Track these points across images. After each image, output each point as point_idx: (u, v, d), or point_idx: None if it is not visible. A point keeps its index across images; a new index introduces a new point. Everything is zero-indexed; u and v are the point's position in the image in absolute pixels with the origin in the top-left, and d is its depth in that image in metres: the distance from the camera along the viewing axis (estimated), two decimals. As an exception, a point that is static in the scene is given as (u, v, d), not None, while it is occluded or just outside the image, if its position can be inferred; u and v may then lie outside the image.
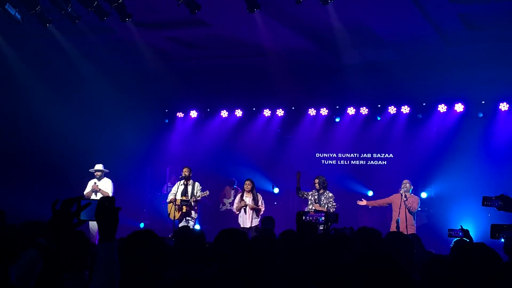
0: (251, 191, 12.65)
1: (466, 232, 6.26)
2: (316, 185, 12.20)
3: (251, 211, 12.47)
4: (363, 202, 12.73)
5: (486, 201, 4.98)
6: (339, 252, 3.74)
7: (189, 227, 7.78)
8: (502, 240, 4.63)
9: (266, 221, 10.87)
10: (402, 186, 12.09)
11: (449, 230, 6.46)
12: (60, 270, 2.81)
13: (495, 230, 4.51)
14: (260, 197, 12.75)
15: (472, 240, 6.24)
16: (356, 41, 13.52)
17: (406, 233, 11.10)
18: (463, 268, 3.16)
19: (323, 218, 4.62)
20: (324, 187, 12.19)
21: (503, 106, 14.68)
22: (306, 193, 12.42)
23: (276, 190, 16.38)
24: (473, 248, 3.47)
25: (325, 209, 11.62)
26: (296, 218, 4.80)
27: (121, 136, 17.12)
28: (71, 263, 3.46)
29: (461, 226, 6.44)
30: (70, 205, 2.85)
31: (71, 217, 2.82)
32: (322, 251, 3.70)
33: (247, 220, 12.48)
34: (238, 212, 12.71)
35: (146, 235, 3.57)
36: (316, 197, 12.12)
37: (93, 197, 12.88)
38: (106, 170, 13.11)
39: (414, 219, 12.07)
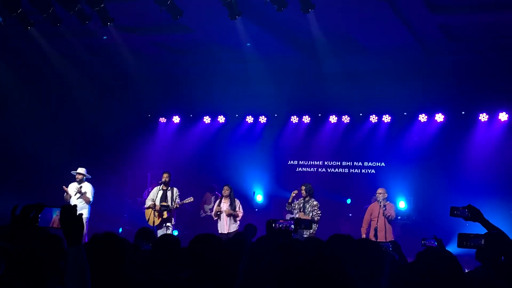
0: (228, 196, 12.63)
1: (439, 242, 6.26)
2: (303, 192, 11.99)
3: (228, 217, 12.44)
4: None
5: (455, 211, 5.00)
6: (307, 256, 3.75)
7: (149, 229, 7.75)
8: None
9: (247, 228, 10.83)
10: (377, 195, 12.06)
11: (423, 239, 6.42)
12: (22, 273, 2.85)
13: (462, 238, 4.54)
14: (237, 202, 12.70)
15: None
16: (338, 49, 13.61)
17: (385, 241, 11.14)
18: (423, 273, 3.18)
19: (292, 225, 4.62)
20: (310, 194, 11.98)
21: (483, 117, 14.80)
22: (293, 204, 12.19)
23: (259, 197, 16.37)
24: (434, 254, 3.49)
25: (309, 217, 11.52)
26: (266, 226, 4.79)
27: (102, 140, 17.06)
28: (38, 267, 3.44)
29: (434, 236, 6.44)
30: (30, 211, 2.93)
31: (30, 222, 2.91)
32: (289, 255, 3.72)
33: (224, 226, 12.46)
34: (216, 218, 12.69)
35: (107, 237, 3.61)
36: (301, 205, 11.97)
37: (73, 200, 12.75)
38: (88, 176, 13.01)
39: (391, 227, 12.07)
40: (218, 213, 12.57)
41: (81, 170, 12.92)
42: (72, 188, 12.93)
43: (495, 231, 4.68)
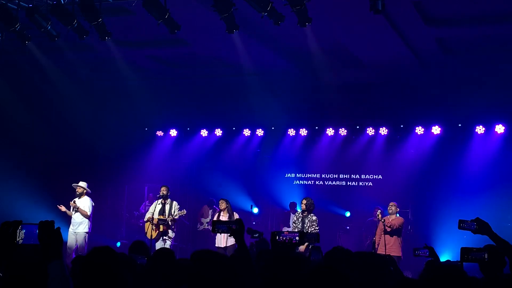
0: (226, 209, 12.57)
1: (431, 250, 6.24)
2: (303, 206, 11.83)
3: None
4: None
5: (462, 224, 5.02)
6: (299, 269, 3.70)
7: (143, 242, 7.68)
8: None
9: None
10: (388, 209, 12.11)
11: (414, 249, 6.36)
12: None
13: (465, 253, 4.56)
14: (236, 216, 12.60)
15: (438, 258, 6.25)
16: (335, 62, 13.66)
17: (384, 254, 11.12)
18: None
19: (297, 238, 4.58)
20: (310, 210, 11.86)
21: (479, 129, 14.84)
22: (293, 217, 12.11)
23: (255, 210, 16.33)
24: (446, 270, 3.47)
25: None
26: (271, 238, 4.76)
27: (99, 154, 17.04)
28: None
29: (425, 244, 6.41)
30: (8, 227, 3.06)
31: (9, 238, 3.03)
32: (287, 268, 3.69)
33: (222, 240, 12.38)
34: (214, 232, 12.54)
35: (104, 252, 3.60)
36: (300, 219, 11.81)
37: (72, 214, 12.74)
38: (88, 190, 12.97)
39: (399, 239, 11.90)
40: None
41: (82, 184, 12.90)
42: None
43: (503, 244, 4.70)
